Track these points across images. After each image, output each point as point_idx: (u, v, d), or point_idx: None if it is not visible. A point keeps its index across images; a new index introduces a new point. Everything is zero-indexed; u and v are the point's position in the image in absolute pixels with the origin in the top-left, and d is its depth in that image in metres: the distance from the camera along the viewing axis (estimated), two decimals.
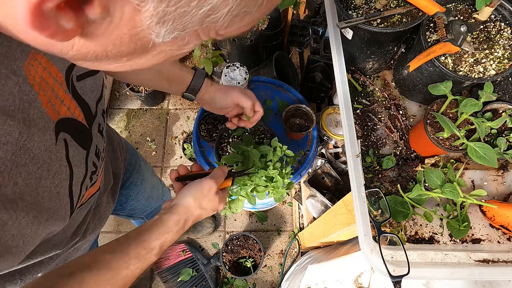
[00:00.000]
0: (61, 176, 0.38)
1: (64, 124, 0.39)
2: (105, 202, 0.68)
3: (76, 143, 0.41)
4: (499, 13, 0.84)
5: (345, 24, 0.84)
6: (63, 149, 0.38)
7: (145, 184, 1.01)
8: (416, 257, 0.72)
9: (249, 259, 1.50)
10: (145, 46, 0.23)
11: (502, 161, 0.86)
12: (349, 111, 0.76)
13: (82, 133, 0.43)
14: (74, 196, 0.42)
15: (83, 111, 0.44)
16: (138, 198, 1.01)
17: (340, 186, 1.25)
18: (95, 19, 0.20)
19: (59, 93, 0.39)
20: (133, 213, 1.07)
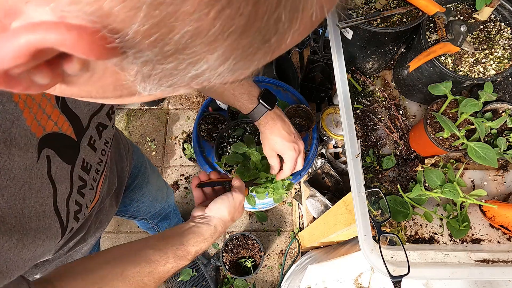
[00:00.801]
0: (44, 194, 0.38)
1: (49, 139, 0.38)
2: (108, 205, 0.68)
3: (60, 158, 0.40)
4: (499, 13, 0.84)
5: (345, 24, 0.84)
6: (45, 166, 0.38)
7: (150, 186, 1.00)
8: (416, 257, 0.72)
9: (249, 259, 1.50)
10: (132, 93, 0.22)
11: (502, 161, 0.86)
12: (349, 111, 0.76)
13: (68, 147, 0.43)
14: (61, 212, 0.41)
15: (72, 125, 0.43)
16: (143, 200, 1.00)
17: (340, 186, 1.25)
18: (74, 73, 0.18)
19: (47, 109, 0.38)
20: (137, 214, 1.07)
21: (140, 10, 0.14)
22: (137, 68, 0.18)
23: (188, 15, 0.15)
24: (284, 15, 0.16)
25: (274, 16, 0.16)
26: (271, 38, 0.18)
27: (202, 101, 1.93)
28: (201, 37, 0.16)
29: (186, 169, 1.78)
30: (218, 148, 1.04)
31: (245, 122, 1.07)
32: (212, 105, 1.20)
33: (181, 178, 1.76)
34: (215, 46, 0.17)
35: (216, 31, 0.16)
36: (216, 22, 0.15)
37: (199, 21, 0.15)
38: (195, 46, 0.16)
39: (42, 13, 0.14)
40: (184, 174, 1.77)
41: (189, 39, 0.16)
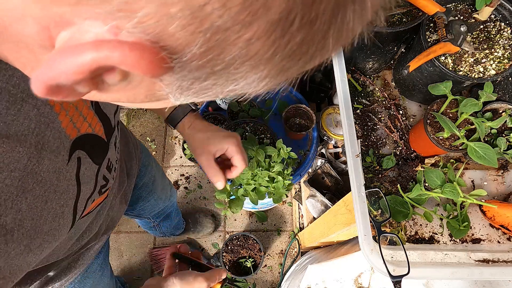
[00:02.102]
0: (68, 195, 0.38)
1: (82, 141, 0.38)
2: (118, 203, 0.68)
3: (90, 159, 0.41)
4: (499, 13, 0.84)
5: None
6: (74, 167, 0.37)
7: (156, 185, 1.00)
8: (416, 257, 0.72)
9: (249, 259, 1.50)
10: (159, 99, 0.22)
11: (502, 161, 0.86)
12: (349, 111, 0.76)
13: (99, 148, 0.43)
14: (78, 212, 0.41)
15: (103, 125, 0.43)
16: (149, 199, 1.00)
17: (340, 186, 1.25)
18: (113, 83, 0.19)
19: (83, 111, 0.38)
20: (142, 213, 1.07)
21: (202, 34, 0.14)
22: (177, 83, 0.18)
23: (245, 40, 0.15)
24: (331, 42, 0.17)
25: (322, 43, 0.17)
26: (311, 60, 0.18)
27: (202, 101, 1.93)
28: (250, 59, 0.16)
29: (186, 169, 1.78)
30: None
31: (245, 122, 1.07)
32: (212, 105, 1.20)
33: (181, 178, 1.76)
34: (261, 68, 0.17)
35: (267, 55, 0.16)
36: (270, 49, 0.16)
37: (254, 45, 0.15)
38: (243, 66, 0.17)
39: (97, 27, 0.15)
40: (184, 174, 1.77)
41: (239, 60, 0.16)
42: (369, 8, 0.17)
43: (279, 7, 0.14)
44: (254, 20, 0.14)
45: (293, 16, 0.15)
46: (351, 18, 0.16)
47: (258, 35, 0.15)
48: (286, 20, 0.15)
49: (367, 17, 0.17)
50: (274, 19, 0.14)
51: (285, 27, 0.15)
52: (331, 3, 0.15)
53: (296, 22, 0.15)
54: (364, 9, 0.17)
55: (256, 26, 0.15)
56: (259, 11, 0.14)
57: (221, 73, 0.17)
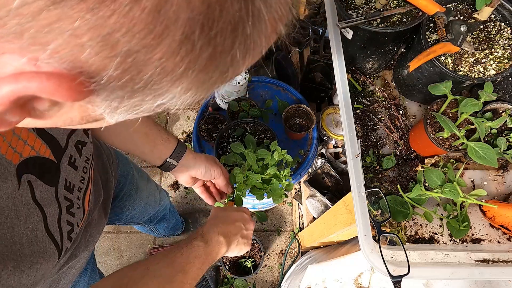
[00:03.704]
0: (33, 219, 0.38)
1: (27, 165, 0.38)
2: (96, 217, 0.66)
3: (42, 182, 0.40)
4: (499, 13, 0.84)
5: (345, 24, 0.84)
6: (28, 191, 0.37)
7: (140, 193, 0.99)
8: (416, 257, 0.72)
9: (249, 259, 1.50)
10: (97, 119, 0.23)
11: (502, 161, 0.86)
12: (349, 111, 0.76)
13: (49, 170, 0.42)
14: (54, 234, 0.41)
15: (50, 147, 0.43)
16: (134, 207, 0.99)
17: (340, 186, 1.25)
18: (45, 109, 0.19)
19: (22, 134, 0.38)
20: (131, 221, 1.06)
21: (115, 59, 0.16)
22: (105, 104, 0.19)
23: (157, 60, 0.16)
24: (238, 53, 0.19)
25: (230, 55, 0.18)
26: (228, 70, 0.20)
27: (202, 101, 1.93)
28: (167, 76, 0.18)
29: None
30: (218, 148, 1.04)
31: (245, 122, 1.07)
32: (212, 105, 1.20)
33: None
34: (179, 82, 0.18)
35: (181, 70, 0.18)
36: (182, 64, 0.17)
37: (166, 64, 0.17)
38: (162, 82, 0.18)
39: (15, 60, 0.15)
40: None
41: (157, 77, 0.18)
42: (267, 21, 0.18)
43: (181, 28, 0.15)
44: (160, 42, 0.16)
45: (195, 36, 0.16)
46: (251, 31, 0.18)
47: (168, 55, 0.16)
48: (189, 39, 0.16)
49: (267, 29, 0.19)
50: (178, 39, 0.16)
51: (189, 46, 0.16)
52: (228, 21, 0.16)
53: (199, 40, 0.16)
54: (262, 22, 0.18)
55: (163, 47, 0.16)
56: (163, 34, 0.15)
57: (144, 90, 0.18)
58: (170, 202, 1.33)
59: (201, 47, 0.17)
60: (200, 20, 0.16)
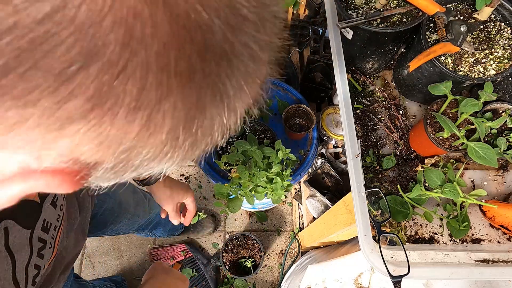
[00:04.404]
0: (2, 267, 0.36)
1: (8, 210, 0.37)
2: (72, 241, 0.64)
3: (19, 226, 0.39)
4: (499, 13, 0.84)
5: (345, 24, 0.84)
6: (1, 239, 0.36)
7: (125, 206, 0.97)
8: (416, 257, 0.72)
9: (249, 259, 1.50)
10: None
11: (502, 161, 0.86)
12: (349, 111, 0.76)
13: (29, 212, 0.41)
14: (20, 282, 0.40)
15: None
16: (119, 221, 0.97)
17: (340, 186, 1.25)
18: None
19: None
20: (118, 233, 1.05)
21: (110, 155, 0.18)
22: (94, 182, 0.21)
23: (145, 152, 0.19)
24: (215, 134, 0.21)
25: (207, 140, 0.21)
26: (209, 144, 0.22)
27: None
28: (153, 160, 0.20)
29: (186, 169, 1.78)
30: (218, 148, 1.04)
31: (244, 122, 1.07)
32: None
33: (181, 178, 1.76)
34: (163, 162, 0.21)
35: (166, 157, 0.20)
36: (167, 154, 0.19)
37: (152, 153, 0.19)
38: (149, 164, 0.20)
39: (21, 156, 0.17)
40: (184, 174, 1.77)
41: (144, 162, 0.20)
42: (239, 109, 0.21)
43: (165, 128, 0.18)
44: (147, 142, 0.18)
45: (179, 133, 0.18)
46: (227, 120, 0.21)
47: (153, 150, 0.19)
48: (174, 136, 0.18)
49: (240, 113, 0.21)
50: (164, 137, 0.18)
51: (174, 141, 0.19)
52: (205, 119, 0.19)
53: (182, 135, 0.19)
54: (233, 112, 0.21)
55: (150, 144, 0.18)
56: (150, 136, 0.18)
57: (134, 170, 0.20)
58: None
59: (184, 140, 0.19)
60: (181, 124, 0.18)
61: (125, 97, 0.15)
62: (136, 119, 0.16)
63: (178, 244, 1.59)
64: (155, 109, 0.16)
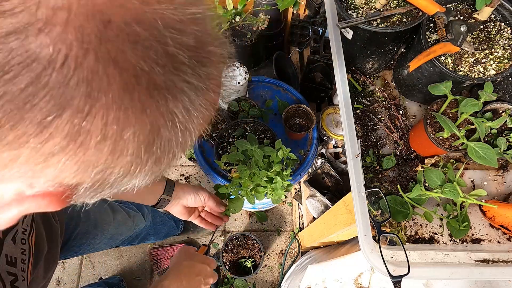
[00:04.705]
0: None
1: None
2: (42, 270, 0.63)
3: None
4: (499, 13, 0.84)
5: (345, 24, 0.84)
6: None
7: (103, 226, 0.96)
8: (416, 257, 0.72)
9: (249, 259, 1.50)
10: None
11: (502, 161, 0.86)
12: (349, 111, 0.76)
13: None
14: None
15: None
16: (98, 241, 0.96)
17: (340, 186, 1.25)
18: None
19: None
20: (98, 251, 1.03)
21: (88, 177, 0.22)
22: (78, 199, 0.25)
23: (118, 170, 0.23)
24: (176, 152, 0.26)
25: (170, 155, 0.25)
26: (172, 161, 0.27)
27: None
28: (126, 176, 0.24)
29: (186, 169, 1.78)
30: (218, 148, 1.04)
31: (245, 122, 1.07)
32: None
33: (181, 178, 1.76)
34: (136, 177, 0.25)
35: (136, 173, 0.24)
36: (136, 169, 0.24)
37: (125, 170, 0.23)
38: (123, 180, 0.24)
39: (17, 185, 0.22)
40: (184, 174, 1.77)
41: (119, 179, 0.24)
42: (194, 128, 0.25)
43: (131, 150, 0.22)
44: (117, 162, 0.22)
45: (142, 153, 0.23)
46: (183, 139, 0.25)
47: (124, 167, 0.23)
48: (138, 156, 0.23)
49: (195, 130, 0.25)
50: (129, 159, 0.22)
51: (138, 160, 0.23)
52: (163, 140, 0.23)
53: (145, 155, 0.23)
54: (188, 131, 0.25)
55: (120, 164, 0.22)
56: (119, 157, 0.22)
57: (111, 187, 0.25)
58: (150, 221, 1.29)
59: (147, 158, 0.23)
60: (143, 146, 0.22)
61: (93, 132, 0.20)
62: (104, 147, 0.21)
63: (178, 244, 1.59)
64: (118, 138, 0.21)
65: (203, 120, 0.26)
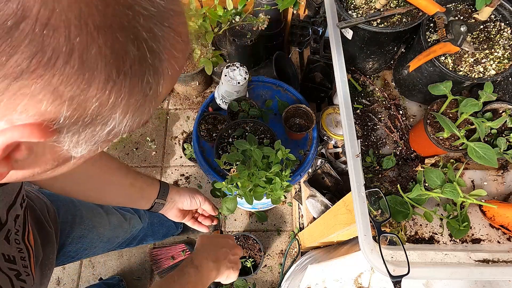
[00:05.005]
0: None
1: None
2: (38, 276, 0.64)
3: None
4: (499, 13, 0.84)
5: (345, 24, 0.84)
6: None
7: (99, 229, 0.95)
8: (416, 257, 0.72)
9: (249, 259, 1.50)
10: (66, 160, 0.29)
11: (502, 161, 0.86)
12: (349, 111, 0.76)
13: None
14: None
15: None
16: (95, 245, 0.95)
17: (340, 186, 1.25)
18: (23, 158, 0.25)
19: None
20: (96, 255, 1.02)
21: (64, 104, 0.22)
22: (68, 139, 0.25)
23: (93, 97, 0.23)
24: (150, 78, 0.26)
25: (144, 81, 0.25)
26: (148, 92, 0.27)
27: (202, 101, 1.93)
28: (104, 106, 0.24)
29: (186, 169, 1.78)
30: (218, 148, 1.04)
31: (245, 122, 1.07)
32: (212, 105, 1.20)
33: (181, 178, 1.76)
34: (116, 109, 0.25)
35: (112, 100, 0.24)
36: (111, 96, 0.24)
37: (101, 98, 0.24)
38: (103, 112, 0.25)
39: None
40: (184, 174, 1.77)
41: (98, 110, 0.24)
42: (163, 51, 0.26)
43: (102, 72, 0.22)
44: (90, 84, 0.22)
45: (113, 75, 0.23)
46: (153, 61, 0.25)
47: (99, 92, 0.23)
48: (111, 78, 0.23)
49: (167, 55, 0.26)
50: (103, 80, 0.23)
51: (112, 82, 0.23)
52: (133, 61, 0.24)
53: (117, 77, 0.23)
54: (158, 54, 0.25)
55: (94, 87, 0.23)
56: (90, 79, 0.22)
57: (93, 122, 0.25)
58: (148, 223, 1.29)
59: (121, 81, 0.24)
60: (113, 64, 0.23)
61: (56, 48, 0.20)
62: (72, 67, 0.21)
63: (178, 244, 1.59)
64: (84, 55, 0.21)
65: (172, 47, 0.26)
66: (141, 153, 1.82)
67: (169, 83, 0.28)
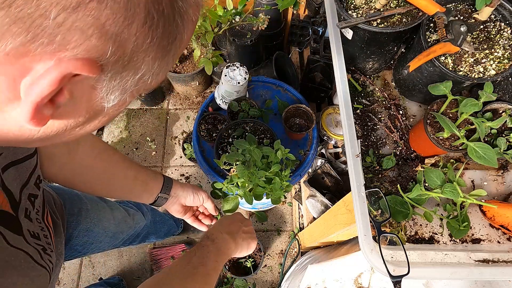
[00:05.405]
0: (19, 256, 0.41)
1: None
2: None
3: (10, 231, 0.42)
4: (499, 13, 0.84)
5: (345, 24, 0.84)
6: (2, 240, 0.40)
7: (104, 223, 0.95)
8: (416, 257, 0.72)
9: (249, 259, 1.50)
10: (97, 113, 0.30)
11: (502, 161, 0.86)
12: (349, 111, 0.76)
13: (11, 222, 0.45)
14: (47, 267, 0.48)
15: (9, 200, 0.45)
16: (100, 240, 0.95)
17: (340, 186, 1.25)
18: (64, 103, 0.26)
19: None
20: (100, 251, 1.02)
21: (110, 40, 0.24)
22: (106, 83, 0.26)
23: (133, 35, 0.24)
24: (179, 21, 0.27)
25: (174, 25, 0.27)
26: (176, 37, 0.28)
27: (202, 101, 1.93)
28: (141, 47, 0.26)
29: (186, 169, 1.78)
30: (218, 148, 1.04)
31: (245, 122, 1.07)
32: (212, 105, 1.20)
33: (181, 178, 1.76)
34: (148, 52, 0.26)
35: (148, 41, 0.26)
36: (148, 35, 0.25)
37: (139, 38, 0.25)
38: (138, 54, 0.26)
39: (46, 65, 0.23)
40: (184, 174, 1.77)
41: (135, 50, 0.25)
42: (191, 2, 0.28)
43: (143, 10, 0.24)
44: (132, 22, 0.24)
45: (153, 14, 0.24)
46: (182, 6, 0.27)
47: (139, 30, 0.24)
48: (150, 17, 0.24)
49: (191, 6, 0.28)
50: (143, 18, 0.24)
51: (150, 22, 0.25)
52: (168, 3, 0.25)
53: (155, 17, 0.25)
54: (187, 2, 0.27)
55: (135, 25, 0.24)
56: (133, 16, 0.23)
57: (129, 65, 0.26)
58: (150, 220, 1.29)
59: (157, 21, 0.25)
60: (151, 2, 0.24)
61: None
62: (120, 1, 0.22)
63: (178, 244, 1.59)
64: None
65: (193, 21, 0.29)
66: (141, 153, 1.82)
67: (188, 34, 0.30)
